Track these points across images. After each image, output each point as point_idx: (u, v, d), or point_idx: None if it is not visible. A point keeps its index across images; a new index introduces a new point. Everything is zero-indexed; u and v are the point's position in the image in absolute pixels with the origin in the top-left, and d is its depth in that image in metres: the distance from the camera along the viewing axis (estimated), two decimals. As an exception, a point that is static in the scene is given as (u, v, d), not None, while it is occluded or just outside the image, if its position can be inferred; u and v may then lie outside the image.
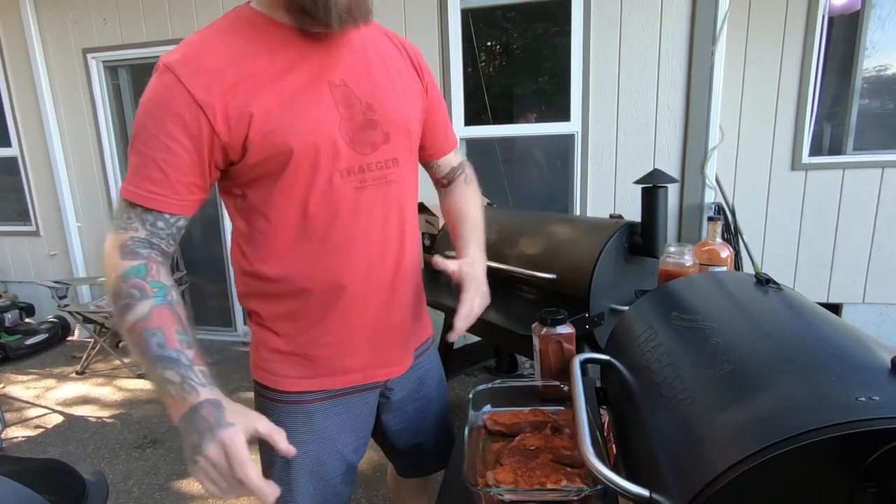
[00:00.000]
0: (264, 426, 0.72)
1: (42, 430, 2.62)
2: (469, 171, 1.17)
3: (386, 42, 0.95)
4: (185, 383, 0.70)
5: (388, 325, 0.97)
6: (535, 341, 1.04)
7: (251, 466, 0.66)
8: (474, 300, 0.95)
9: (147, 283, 0.75)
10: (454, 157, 1.14)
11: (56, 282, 3.29)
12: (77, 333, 3.91)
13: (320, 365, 0.93)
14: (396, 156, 0.91)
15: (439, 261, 0.94)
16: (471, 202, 1.12)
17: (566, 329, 1.02)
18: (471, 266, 0.99)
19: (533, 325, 1.05)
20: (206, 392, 0.70)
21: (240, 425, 0.68)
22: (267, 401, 0.96)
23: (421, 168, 1.07)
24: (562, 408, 0.98)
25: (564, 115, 2.88)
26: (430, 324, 1.14)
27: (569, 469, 0.79)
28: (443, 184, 1.16)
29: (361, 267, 0.90)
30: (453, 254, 1.07)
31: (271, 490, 0.68)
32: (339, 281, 0.89)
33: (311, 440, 0.96)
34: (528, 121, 3.19)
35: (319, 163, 0.83)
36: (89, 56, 3.53)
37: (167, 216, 0.79)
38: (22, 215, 3.94)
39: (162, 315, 0.73)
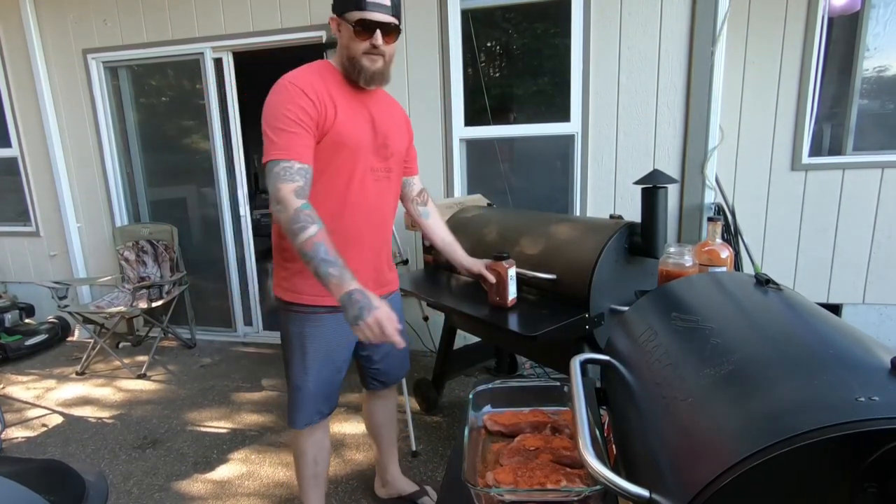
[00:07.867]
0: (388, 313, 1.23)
1: (42, 430, 2.62)
2: (431, 198, 1.77)
3: (396, 107, 1.57)
4: (343, 277, 1.18)
5: (372, 266, 1.49)
6: (490, 275, 1.70)
7: (395, 326, 1.17)
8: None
9: (313, 213, 1.23)
10: (419, 181, 1.73)
11: (56, 282, 3.29)
12: (77, 334, 3.91)
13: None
14: (392, 167, 1.50)
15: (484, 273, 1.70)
16: (448, 231, 1.76)
17: (508, 263, 1.69)
18: (482, 263, 1.73)
19: (487, 262, 1.71)
20: (356, 284, 1.18)
21: (384, 307, 1.17)
22: (292, 313, 1.45)
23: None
24: (562, 408, 0.98)
25: (564, 116, 2.88)
26: (397, 280, 1.67)
27: (569, 469, 0.79)
28: (417, 202, 1.72)
29: (366, 225, 1.43)
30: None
31: (399, 340, 1.18)
32: (350, 232, 1.40)
33: (323, 339, 1.45)
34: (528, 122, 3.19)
35: (359, 158, 1.38)
36: (89, 56, 3.53)
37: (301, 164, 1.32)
38: (22, 215, 3.94)
39: (323, 234, 1.21)
